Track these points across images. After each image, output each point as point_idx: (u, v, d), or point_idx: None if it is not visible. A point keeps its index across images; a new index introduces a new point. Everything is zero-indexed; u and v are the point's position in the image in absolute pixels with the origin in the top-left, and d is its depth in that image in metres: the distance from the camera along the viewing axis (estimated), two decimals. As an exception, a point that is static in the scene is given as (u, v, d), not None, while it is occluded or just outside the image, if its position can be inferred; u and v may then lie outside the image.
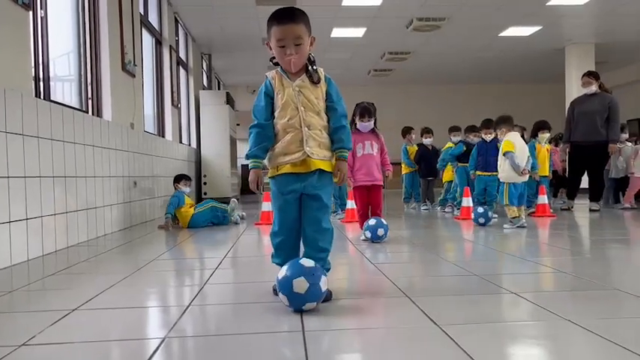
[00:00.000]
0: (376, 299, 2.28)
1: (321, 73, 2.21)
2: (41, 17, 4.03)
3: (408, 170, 7.86)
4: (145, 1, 7.09)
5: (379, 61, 12.45)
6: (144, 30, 6.88)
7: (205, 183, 9.70)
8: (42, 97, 3.98)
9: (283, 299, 1.96)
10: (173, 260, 3.62)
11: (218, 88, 13.60)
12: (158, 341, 1.72)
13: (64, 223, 4.01)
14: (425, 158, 7.56)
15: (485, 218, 5.01)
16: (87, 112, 4.90)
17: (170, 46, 8.07)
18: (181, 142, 8.93)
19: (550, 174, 6.67)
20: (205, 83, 11.75)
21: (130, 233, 5.01)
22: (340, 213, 6.33)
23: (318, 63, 2.23)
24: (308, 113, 2.16)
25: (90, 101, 5.04)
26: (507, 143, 4.87)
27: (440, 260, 3.35)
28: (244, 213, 6.20)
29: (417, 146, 7.78)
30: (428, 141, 7.64)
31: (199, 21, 9.15)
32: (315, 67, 2.19)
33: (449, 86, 15.49)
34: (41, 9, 4.04)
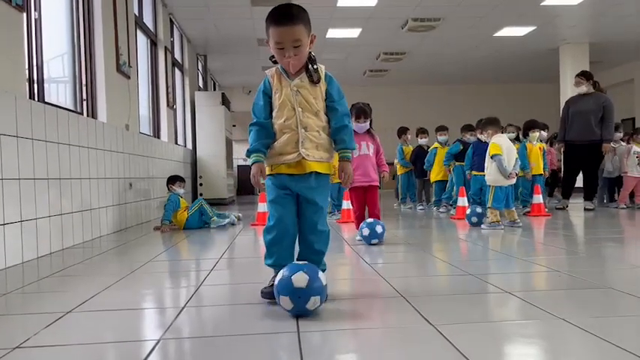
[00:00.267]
0: (371, 299, 2.28)
1: (322, 72, 2.15)
2: (35, 19, 4.02)
3: (404, 170, 7.89)
4: (140, 3, 7.08)
5: (374, 62, 12.47)
6: (139, 31, 6.87)
7: (201, 184, 9.70)
8: (36, 99, 3.96)
9: (285, 303, 1.90)
10: (168, 262, 3.62)
11: (214, 89, 13.58)
12: (153, 343, 1.72)
13: (59, 225, 3.99)
14: (421, 158, 7.57)
15: (478, 218, 4.99)
16: (81, 114, 4.89)
17: (165, 47, 8.05)
18: (177, 144, 8.92)
19: (546, 173, 6.69)
20: (201, 84, 11.74)
21: (126, 235, 5.00)
22: (336, 213, 6.34)
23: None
24: (305, 114, 2.11)
25: (85, 103, 5.03)
26: (494, 146, 4.82)
27: (435, 260, 3.36)
28: (240, 214, 6.19)
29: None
30: (423, 141, 7.67)
31: (194, 22, 9.14)
32: (315, 66, 2.13)
33: (444, 86, 15.52)
34: (35, 10, 4.02)
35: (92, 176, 4.67)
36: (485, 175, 6.13)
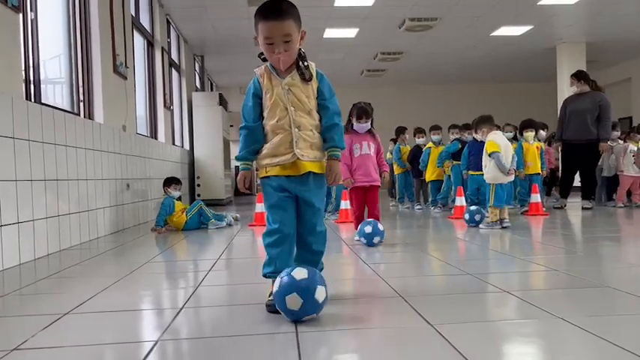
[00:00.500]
0: (370, 299, 2.28)
1: (313, 69, 2.09)
2: (31, 19, 4.00)
3: (401, 170, 7.89)
4: (137, 3, 7.07)
5: (372, 62, 12.47)
6: (135, 32, 6.85)
7: (199, 185, 9.68)
8: (33, 100, 3.95)
9: (293, 303, 1.82)
10: (166, 262, 3.61)
11: (211, 90, 13.57)
12: (151, 344, 1.71)
13: (56, 227, 3.98)
14: (418, 158, 7.58)
15: (476, 217, 4.97)
16: (78, 115, 4.88)
17: (162, 48, 8.04)
18: (174, 144, 8.91)
19: (544, 172, 6.70)
20: (198, 85, 11.72)
21: (123, 236, 4.99)
22: (335, 214, 6.33)
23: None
24: (298, 113, 2.06)
25: (81, 104, 5.02)
26: (491, 143, 4.77)
27: (433, 260, 3.36)
28: (238, 215, 6.18)
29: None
30: (421, 141, 7.67)
31: (191, 22, 9.12)
32: (306, 64, 2.07)
33: (442, 86, 15.53)
34: (31, 11, 4.01)
35: (89, 177, 4.66)
36: (481, 175, 6.15)
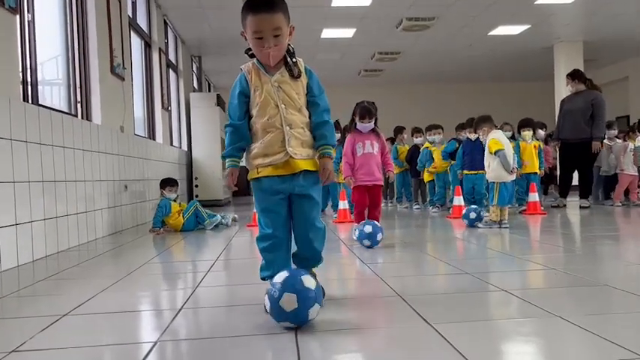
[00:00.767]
0: (369, 299, 2.28)
1: (301, 66, 2.06)
2: (29, 21, 4.00)
3: (399, 170, 7.90)
4: (134, 4, 7.06)
5: (369, 62, 12.47)
6: (133, 33, 6.85)
7: (197, 185, 9.68)
8: (30, 102, 3.94)
9: (288, 303, 1.72)
10: (164, 263, 3.61)
11: (208, 90, 13.55)
12: (150, 345, 1.71)
13: (54, 228, 3.98)
14: (416, 158, 7.58)
15: (474, 217, 4.97)
16: (76, 116, 4.87)
17: (159, 49, 8.03)
18: (172, 145, 8.90)
19: (541, 171, 6.71)
20: (196, 85, 11.72)
21: (121, 237, 4.98)
22: (334, 214, 6.33)
23: (309, 64, 2.12)
24: (289, 111, 2.01)
25: (79, 105, 5.01)
26: (495, 142, 4.71)
27: (432, 259, 3.36)
28: (236, 215, 6.18)
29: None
30: (419, 140, 7.68)
31: (189, 23, 9.12)
32: (294, 60, 2.03)
33: (439, 85, 15.53)
34: (28, 12, 4.00)
35: (87, 179, 4.65)
36: (475, 174, 6.16)
